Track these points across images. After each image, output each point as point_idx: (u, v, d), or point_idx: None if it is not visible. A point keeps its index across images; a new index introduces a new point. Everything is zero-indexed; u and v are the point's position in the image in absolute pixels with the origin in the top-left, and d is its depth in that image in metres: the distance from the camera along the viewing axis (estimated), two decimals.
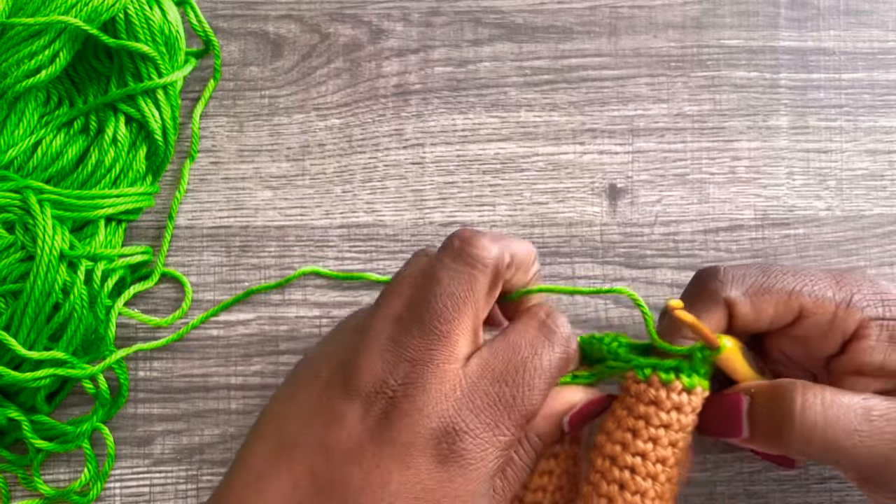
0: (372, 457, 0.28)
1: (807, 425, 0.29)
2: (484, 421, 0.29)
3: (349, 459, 0.29)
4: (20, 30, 0.36)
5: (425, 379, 0.29)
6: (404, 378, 0.29)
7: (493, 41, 0.42)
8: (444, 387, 0.29)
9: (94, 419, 0.37)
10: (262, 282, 0.40)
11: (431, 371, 0.29)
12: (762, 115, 0.42)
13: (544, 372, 0.30)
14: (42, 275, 0.36)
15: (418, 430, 0.29)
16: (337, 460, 0.29)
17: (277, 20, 0.42)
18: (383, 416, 0.29)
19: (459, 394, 0.29)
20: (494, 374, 0.30)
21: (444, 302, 0.30)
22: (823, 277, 0.32)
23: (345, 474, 0.28)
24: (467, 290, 0.30)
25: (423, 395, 0.29)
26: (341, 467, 0.29)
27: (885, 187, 0.41)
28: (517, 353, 0.30)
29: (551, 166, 0.41)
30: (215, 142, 0.41)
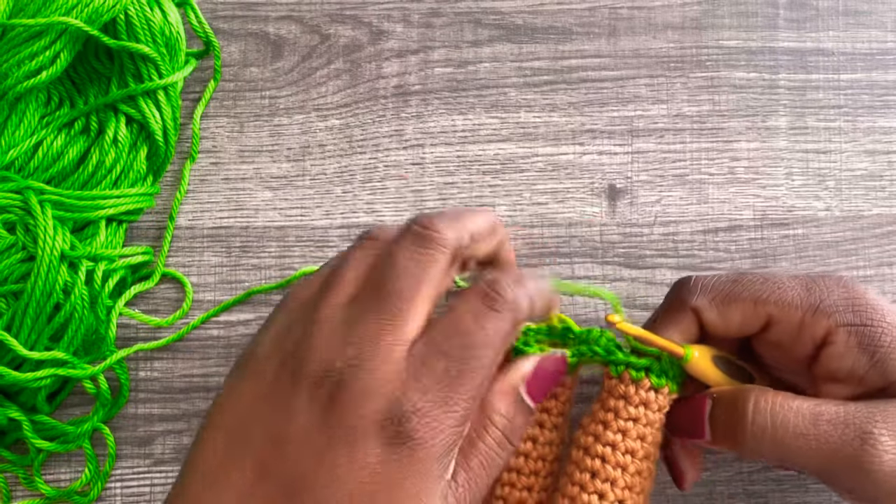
0: (320, 443, 0.28)
1: (757, 429, 0.30)
2: (431, 399, 0.28)
3: (299, 448, 0.28)
4: (21, 31, 0.36)
5: (371, 360, 0.29)
6: (350, 360, 0.29)
7: (492, 42, 0.42)
8: (390, 367, 0.29)
9: (94, 419, 0.37)
10: (263, 282, 0.40)
11: (377, 352, 0.29)
12: (761, 116, 0.42)
13: (489, 341, 0.29)
14: (43, 275, 0.36)
15: (363, 413, 0.28)
16: (287, 451, 0.28)
17: (278, 21, 0.42)
18: (329, 400, 0.28)
19: (405, 374, 0.29)
20: (439, 350, 0.29)
21: (403, 282, 0.30)
22: (792, 284, 0.32)
23: (297, 464, 0.28)
24: (424, 270, 0.30)
25: (367, 377, 0.28)
26: (293, 457, 0.28)
27: (884, 187, 0.41)
28: (460, 325, 0.30)
29: (551, 167, 0.41)
30: (216, 142, 0.41)
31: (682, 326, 0.33)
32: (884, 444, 0.29)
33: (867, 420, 0.30)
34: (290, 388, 0.29)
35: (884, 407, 0.30)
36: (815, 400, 0.31)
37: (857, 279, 0.33)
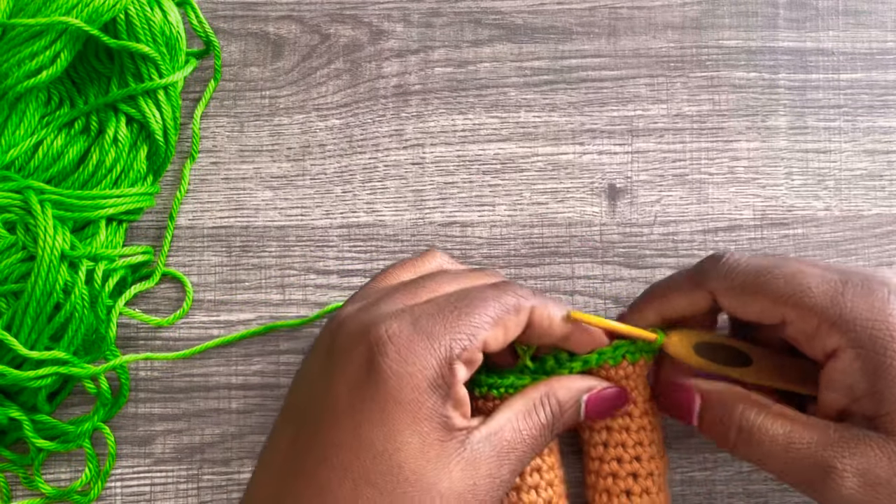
0: (319, 371, 0.31)
1: (741, 443, 0.32)
2: (411, 329, 0.30)
3: (309, 385, 0.32)
4: (21, 30, 0.36)
5: (375, 306, 0.32)
6: (359, 307, 0.32)
7: (492, 42, 0.42)
8: (389, 307, 0.31)
9: (95, 419, 0.38)
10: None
11: (386, 300, 0.32)
12: (761, 116, 0.42)
13: (487, 302, 0.31)
14: (43, 275, 0.36)
15: (348, 337, 0.31)
16: (301, 388, 0.32)
17: (278, 21, 0.42)
18: (332, 336, 0.32)
19: (397, 312, 0.31)
20: (437, 301, 0.31)
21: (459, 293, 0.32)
22: (820, 289, 0.31)
23: (306, 397, 0.31)
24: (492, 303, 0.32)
25: (366, 315, 0.31)
26: (304, 393, 0.32)
27: (884, 187, 0.41)
28: (462, 289, 0.32)
29: (551, 166, 0.41)
30: (216, 142, 0.41)
31: (693, 300, 0.34)
32: (845, 481, 0.30)
33: (835, 456, 0.30)
34: (318, 342, 0.33)
35: (857, 441, 0.30)
36: (791, 422, 0.31)
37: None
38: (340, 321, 0.32)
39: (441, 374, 0.29)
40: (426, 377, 0.29)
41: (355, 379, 0.30)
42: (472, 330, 0.30)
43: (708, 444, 0.39)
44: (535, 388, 0.33)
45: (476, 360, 0.31)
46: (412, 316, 0.30)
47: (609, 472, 0.35)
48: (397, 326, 0.30)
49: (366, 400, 0.29)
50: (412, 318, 0.30)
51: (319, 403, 0.30)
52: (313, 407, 0.31)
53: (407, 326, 0.30)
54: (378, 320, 0.30)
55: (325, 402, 0.30)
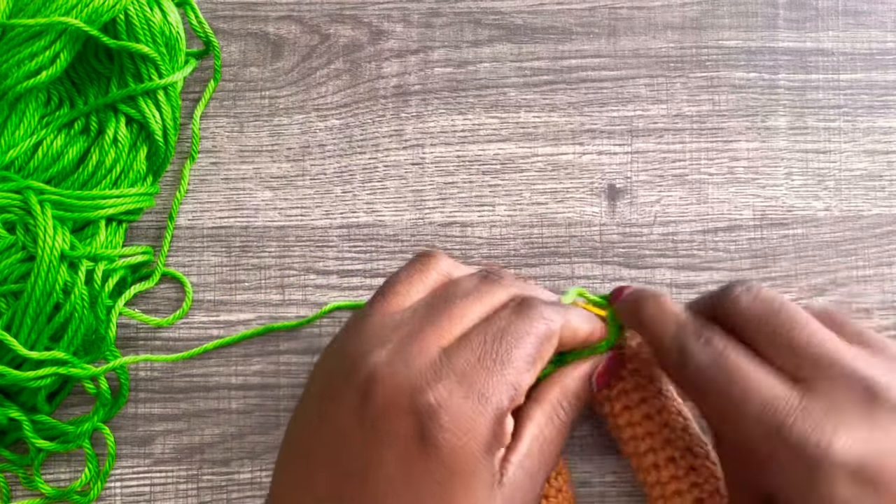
0: (359, 439, 0.29)
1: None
2: (461, 393, 0.28)
3: (343, 444, 0.29)
4: (21, 31, 0.36)
5: (405, 353, 0.29)
6: (388, 352, 0.30)
7: (492, 42, 0.42)
8: (423, 360, 0.29)
9: (94, 419, 0.38)
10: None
11: (412, 347, 0.30)
12: (761, 116, 0.42)
13: (523, 336, 0.30)
14: (43, 275, 0.36)
15: (392, 407, 0.28)
16: (335, 447, 0.29)
17: (277, 21, 0.42)
18: (364, 394, 0.29)
19: (437, 366, 0.29)
20: (472, 345, 0.30)
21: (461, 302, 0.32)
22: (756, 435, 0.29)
23: (344, 460, 0.29)
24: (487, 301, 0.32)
25: (400, 369, 0.29)
26: (342, 454, 0.29)
27: (884, 188, 0.41)
28: (493, 323, 0.31)
29: (550, 167, 0.41)
30: (216, 142, 0.41)
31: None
32: None
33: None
34: (341, 386, 0.30)
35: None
36: None
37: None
38: (372, 377, 0.29)
39: (494, 434, 0.29)
40: (481, 443, 0.28)
41: (406, 449, 0.28)
42: (517, 377, 0.29)
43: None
44: (548, 392, 0.32)
45: (520, 403, 0.30)
46: (455, 373, 0.29)
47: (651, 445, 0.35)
48: (444, 391, 0.28)
49: (420, 471, 0.28)
50: (457, 377, 0.29)
51: (366, 468, 0.29)
52: (357, 469, 0.29)
53: (454, 388, 0.28)
54: (421, 383, 0.29)
55: (373, 469, 0.28)
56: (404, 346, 0.30)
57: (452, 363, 0.29)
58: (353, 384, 0.30)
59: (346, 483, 0.29)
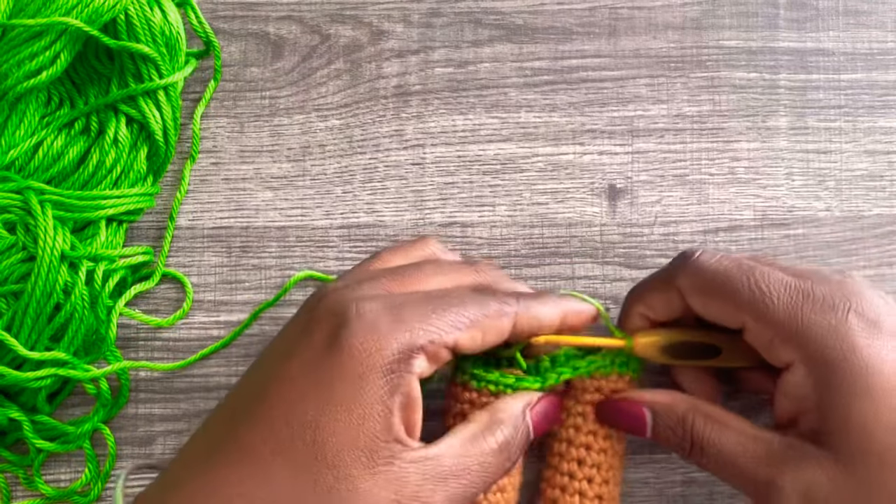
0: (290, 338, 0.31)
1: (694, 454, 0.32)
2: (380, 310, 0.29)
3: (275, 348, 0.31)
4: (21, 31, 0.36)
5: (359, 286, 0.31)
6: (343, 285, 0.32)
7: (493, 42, 0.42)
8: (369, 290, 0.31)
9: (95, 419, 0.38)
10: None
11: (367, 284, 0.32)
12: (761, 116, 0.42)
13: (468, 304, 0.31)
14: (43, 275, 0.36)
15: (327, 314, 0.30)
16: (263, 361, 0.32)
17: (278, 21, 0.42)
18: (309, 309, 0.31)
19: (375, 294, 0.31)
20: (417, 296, 0.31)
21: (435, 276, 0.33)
22: (781, 299, 0.31)
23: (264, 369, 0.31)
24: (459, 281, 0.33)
25: (348, 292, 0.31)
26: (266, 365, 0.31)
27: (885, 188, 0.41)
28: (446, 291, 0.32)
29: (551, 167, 0.41)
30: (216, 142, 0.41)
31: (667, 299, 0.34)
32: (784, 499, 0.30)
33: (777, 473, 0.30)
34: (295, 316, 0.33)
35: (800, 458, 0.30)
36: (738, 434, 0.32)
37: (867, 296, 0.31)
38: (321, 295, 0.31)
39: (398, 360, 0.29)
40: (382, 357, 0.28)
41: (314, 349, 0.29)
42: (445, 326, 0.30)
43: None
44: (480, 414, 0.32)
45: (440, 357, 0.30)
46: (388, 301, 0.30)
47: (567, 471, 0.35)
48: (370, 306, 0.29)
49: (315, 372, 0.29)
50: (387, 303, 0.30)
51: (275, 370, 0.30)
52: (269, 373, 0.30)
53: (379, 307, 0.29)
54: (354, 298, 0.30)
55: (280, 370, 0.30)
56: (360, 282, 0.31)
57: (392, 297, 0.30)
58: (304, 306, 0.32)
59: (253, 386, 0.30)
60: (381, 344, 0.29)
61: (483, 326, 0.31)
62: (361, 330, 0.29)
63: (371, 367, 0.28)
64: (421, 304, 0.30)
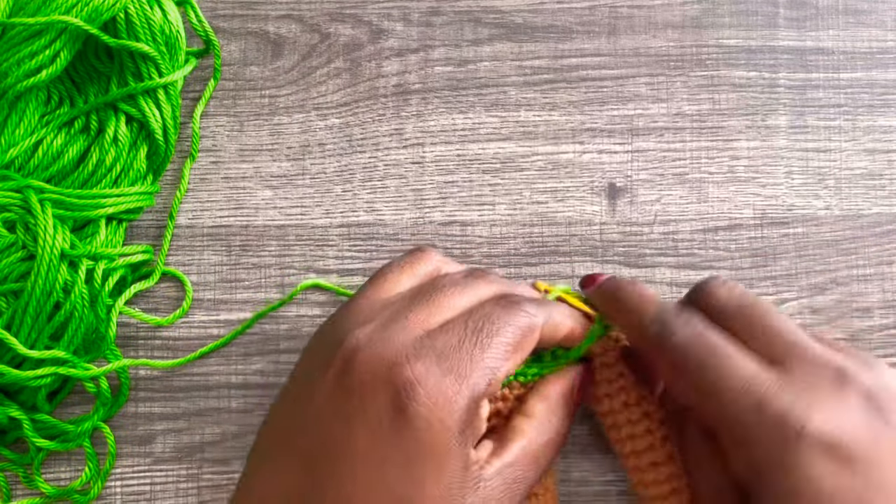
0: (332, 409, 0.29)
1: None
2: (439, 369, 0.29)
3: (318, 416, 0.29)
4: (21, 29, 0.36)
5: (388, 330, 0.30)
6: (371, 332, 0.30)
7: (492, 41, 0.42)
8: (405, 337, 0.29)
9: (94, 418, 0.38)
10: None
11: (396, 325, 0.30)
12: (761, 115, 0.42)
13: (505, 324, 0.30)
14: (43, 274, 0.36)
15: (370, 378, 0.29)
16: (308, 419, 0.29)
17: (278, 20, 0.42)
18: (344, 366, 0.29)
19: (418, 344, 0.29)
20: (454, 327, 0.30)
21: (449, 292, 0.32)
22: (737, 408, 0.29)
23: (315, 433, 0.29)
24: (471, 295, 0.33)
25: (380, 345, 0.29)
26: (312, 425, 0.29)
27: (884, 186, 0.41)
28: (477, 310, 0.31)
29: (551, 166, 0.41)
30: (216, 141, 0.41)
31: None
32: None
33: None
34: (322, 364, 0.30)
35: None
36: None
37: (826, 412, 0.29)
38: (354, 349, 0.29)
39: (469, 416, 0.29)
40: (456, 421, 0.28)
41: (379, 423, 0.28)
42: (495, 363, 0.30)
43: None
44: (536, 405, 0.33)
45: (497, 392, 0.31)
46: (435, 352, 0.29)
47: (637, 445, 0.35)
48: (423, 367, 0.28)
49: (392, 446, 0.28)
50: (436, 356, 0.29)
51: (337, 446, 0.28)
52: (329, 448, 0.29)
53: (433, 366, 0.29)
54: (401, 358, 0.29)
55: (344, 446, 0.28)
56: (387, 325, 0.30)
57: (433, 343, 0.29)
58: (333, 360, 0.30)
59: (316, 465, 0.29)
60: (451, 408, 0.28)
61: (522, 346, 0.31)
62: (427, 399, 0.28)
63: (449, 432, 0.28)
64: (465, 345, 0.29)
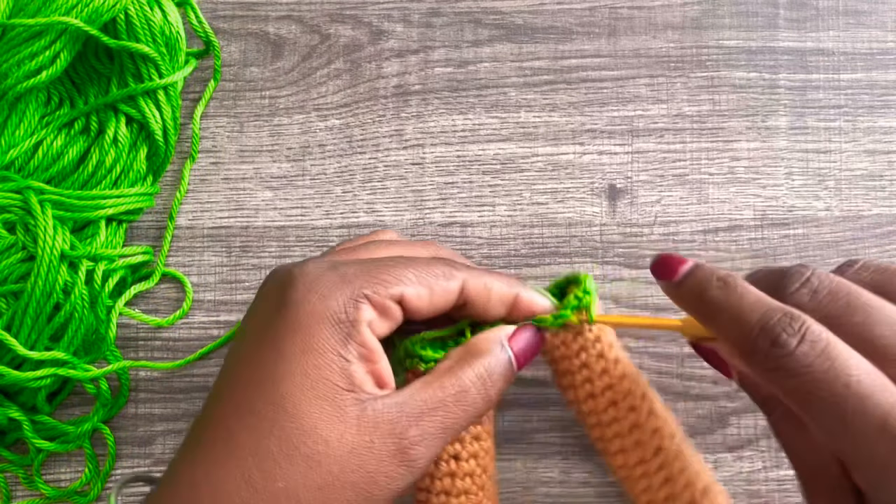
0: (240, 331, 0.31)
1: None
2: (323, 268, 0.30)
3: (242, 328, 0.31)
4: (21, 30, 0.36)
5: (311, 260, 0.31)
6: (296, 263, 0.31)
7: (492, 42, 0.42)
8: (318, 259, 0.31)
9: (94, 419, 0.38)
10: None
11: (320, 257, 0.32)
12: (761, 116, 0.42)
13: (414, 264, 0.30)
14: (43, 275, 0.36)
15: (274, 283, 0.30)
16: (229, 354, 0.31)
17: (278, 21, 0.42)
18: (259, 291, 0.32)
19: (321, 260, 0.31)
20: (366, 259, 0.31)
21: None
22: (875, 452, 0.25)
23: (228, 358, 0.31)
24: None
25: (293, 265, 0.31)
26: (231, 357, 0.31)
27: (884, 187, 0.41)
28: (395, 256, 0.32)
29: (551, 167, 0.41)
30: (216, 142, 0.41)
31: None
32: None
33: None
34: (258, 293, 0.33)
35: None
36: None
37: None
38: (272, 271, 0.32)
39: (344, 309, 0.28)
40: (327, 307, 0.28)
41: (265, 313, 0.30)
42: (389, 279, 0.29)
43: (708, 445, 0.39)
44: (455, 350, 0.31)
45: (390, 310, 0.29)
46: (333, 262, 0.30)
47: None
48: (312, 266, 0.30)
49: (266, 332, 0.29)
50: (331, 264, 0.30)
51: (234, 350, 0.30)
52: (230, 354, 0.30)
53: (322, 266, 0.30)
54: (300, 265, 0.30)
55: (238, 347, 0.30)
56: (307, 259, 0.31)
57: (337, 262, 0.30)
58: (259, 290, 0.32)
59: (223, 369, 0.30)
60: (324, 294, 0.29)
61: (430, 284, 0.30)
62: (304, 285, 0.29)
63: (317, 317, 0.28)
64: (367, 264, 0.30)
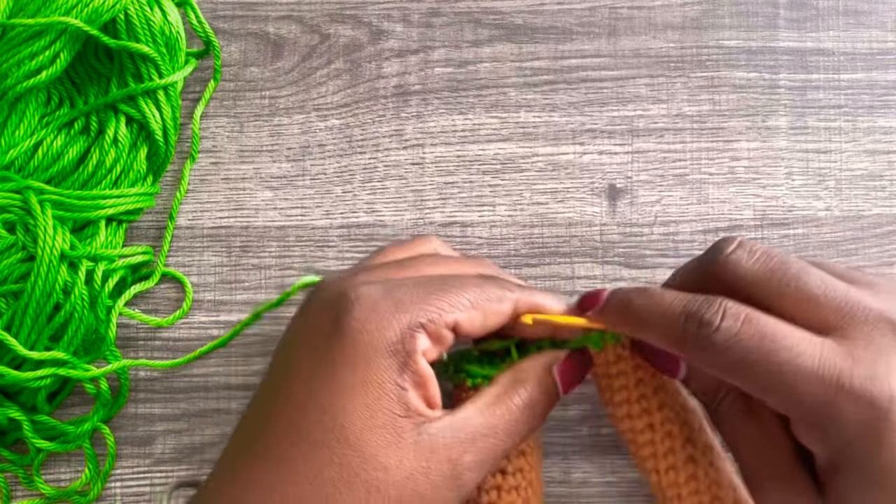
0: (292, 347, 0.31)
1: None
2: (379, 290, 0.30)
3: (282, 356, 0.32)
4: (21, 30, 0.36)
5: (356, 276, 0.31)
6: (339, 278, 0.32)
7: (492, 42, 0.42)
8: (366, 276, 0.31)
9: (94, 419, 0.38)
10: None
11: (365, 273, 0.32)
12: (761, 116, 0.42)
13: (468, 286, 0.30)
14: (43, 275, 0.36)
15: (323, 304, 0.30)
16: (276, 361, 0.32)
17: (278, 21, 0.42)
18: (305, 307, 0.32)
19: (372, 280, 0.31)
20: (417, 279, 0.31)
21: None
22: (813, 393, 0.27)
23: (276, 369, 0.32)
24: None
25: (342, 283, 0.31)
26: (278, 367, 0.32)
27: (885, 187, 0.41)
28: (450, 273, 0.32)
29: (551, 167, 0.41)
30: (216, 142, 0.41)
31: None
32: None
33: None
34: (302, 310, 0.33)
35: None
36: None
37: None
38: (318, 286, 0.32)
39: (401, 339, 0.29)
40: (384, 338, 0.28)
41: (318, 340, 0.29)
42: (444, 306, 0.29)
43: None
44: (504, 375, 0.32)
45: (444, 338, 0.30)
46: (386, 286, 0.30)
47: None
48: (366, 290, 0.29)
49: (322, 360, 0.29)
50: (385, 287, 0.30)
51: (285, 368, 0.30)
52: (280, 372, 0.30)
53: (377, 291, 0.29)
54: (351, 285, 0.30)
55: (289, 366, 0.30)
56: (356, 273, 0.31)
57: (389, 281, 0.30)
58: (303, 301, 0.33)
59: (270, 387, 0.30)
60: (381, 325, 0.29)
61: (483, 308, 0.30)
62: (361, 313, 0.29)
63: (375, 348, 0.28)
64: (420, 287, 0.30)
